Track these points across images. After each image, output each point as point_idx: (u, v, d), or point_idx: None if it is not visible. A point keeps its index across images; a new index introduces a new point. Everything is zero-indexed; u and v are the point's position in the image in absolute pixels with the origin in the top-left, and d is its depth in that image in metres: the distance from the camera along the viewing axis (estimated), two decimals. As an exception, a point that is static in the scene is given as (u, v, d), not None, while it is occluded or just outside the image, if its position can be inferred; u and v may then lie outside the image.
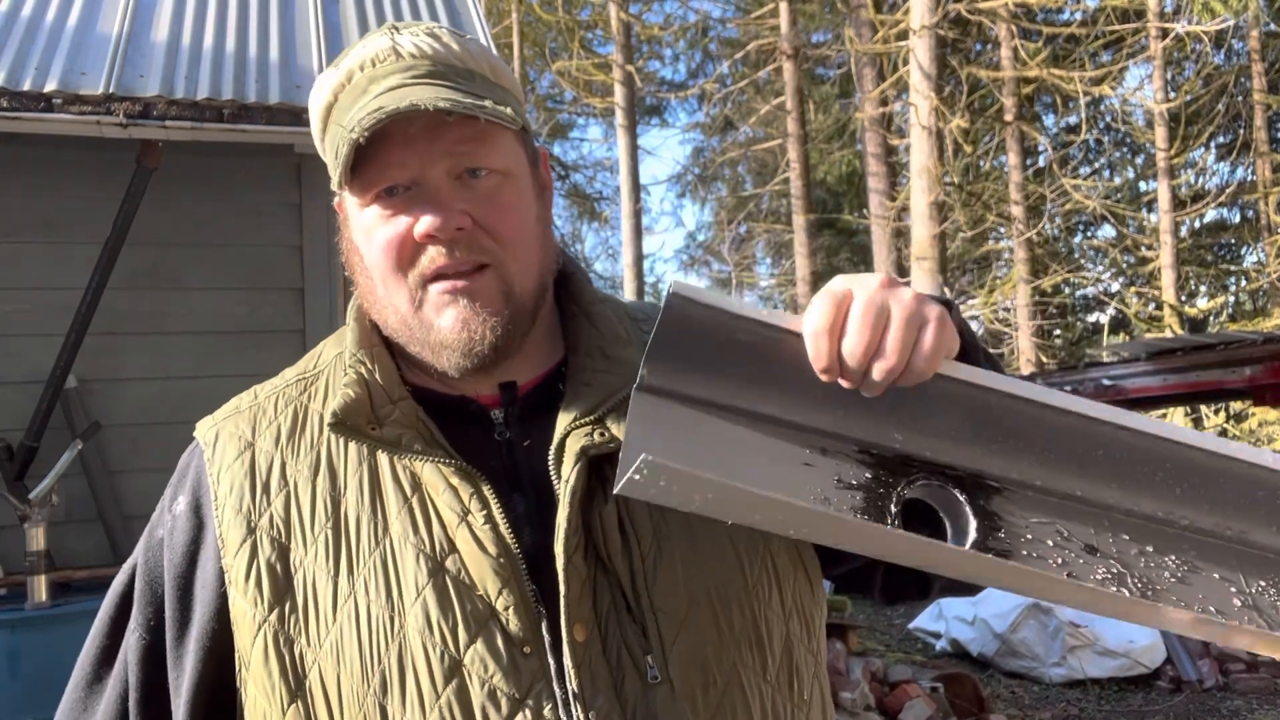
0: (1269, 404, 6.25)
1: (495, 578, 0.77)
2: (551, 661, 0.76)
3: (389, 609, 0.76)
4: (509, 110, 0.80)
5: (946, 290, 10.95)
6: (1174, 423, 0.68)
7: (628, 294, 15.54)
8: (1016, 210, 14.39)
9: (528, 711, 0.74)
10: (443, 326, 0.82)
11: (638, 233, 16.07)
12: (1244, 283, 16.70)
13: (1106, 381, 6.78)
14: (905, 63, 11.46)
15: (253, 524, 0.81)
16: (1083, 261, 17.06)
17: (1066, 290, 16.70)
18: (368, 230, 0.84)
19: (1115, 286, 16.34)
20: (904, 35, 11.28)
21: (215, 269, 3.69)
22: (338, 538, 0.80)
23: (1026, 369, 13.33)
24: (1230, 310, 16.12)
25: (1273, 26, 14.76)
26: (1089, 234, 17.49)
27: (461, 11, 4.42)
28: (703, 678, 0.79)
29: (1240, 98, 15.28)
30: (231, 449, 0.86)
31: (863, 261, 18.91)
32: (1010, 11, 11.93)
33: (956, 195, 13.06)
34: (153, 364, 3.59)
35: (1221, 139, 16.23)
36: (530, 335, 0.88)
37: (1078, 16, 13.59)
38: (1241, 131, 15.69)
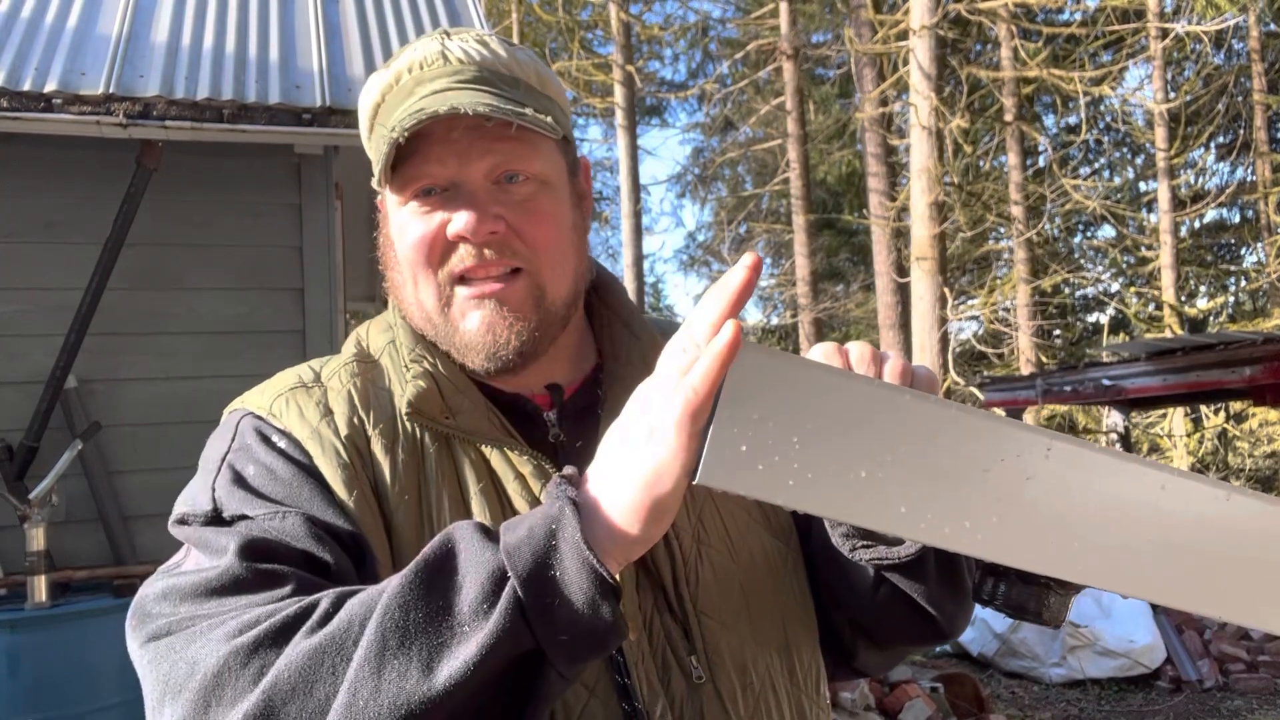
0: (1269, 404, 6.25)
1: None
2: (612, 655, 0.79)
3: None
4: (549, 119, 0.82)
5: (946, 291, 10.94)
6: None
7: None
8: (1016, 210, 14.39)
9: (597, 702, 0.77)
10: (468, 329, 0.84)
11: (638, 233, 16.07)
12: (1244, 283, 16.71)
13: (1106, 381, 6.79)
14: (905, 63, 11.45)
15: (352, 477, 0.79)
16: (1083, 261, 17.07)
17: (1066, 290, 16.70)
18: (402, 227, 0.85)
19: (1115, 286, 16.34)
20: (904, 35, 11.28)
21: (215, 269, 3.69)
22: (420, 505, 0.80)
23: (1026, 369, 13.33)
24: (1230, 310, 16.13)
25: (1273, 26, 14.76)
26: (1089, 234, 17.50)
27: (461, 12, 4.42)
28: (742, 679, 0.82)
29: (1240, 98, 15.28)
30: (312, 413, 0.82)
31: (863, 262, 18.90)
32: (1010, 11, 11.93)
33: (956, 195, 13.05)
34: (153, 364, 3.59)
35: (1221, 139, 16.23)
36: (562, 341, 0.90)
37: (1078, 16, 13.59)
38: (1241, 131, 15.69)
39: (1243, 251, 17.60)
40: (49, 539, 3.08)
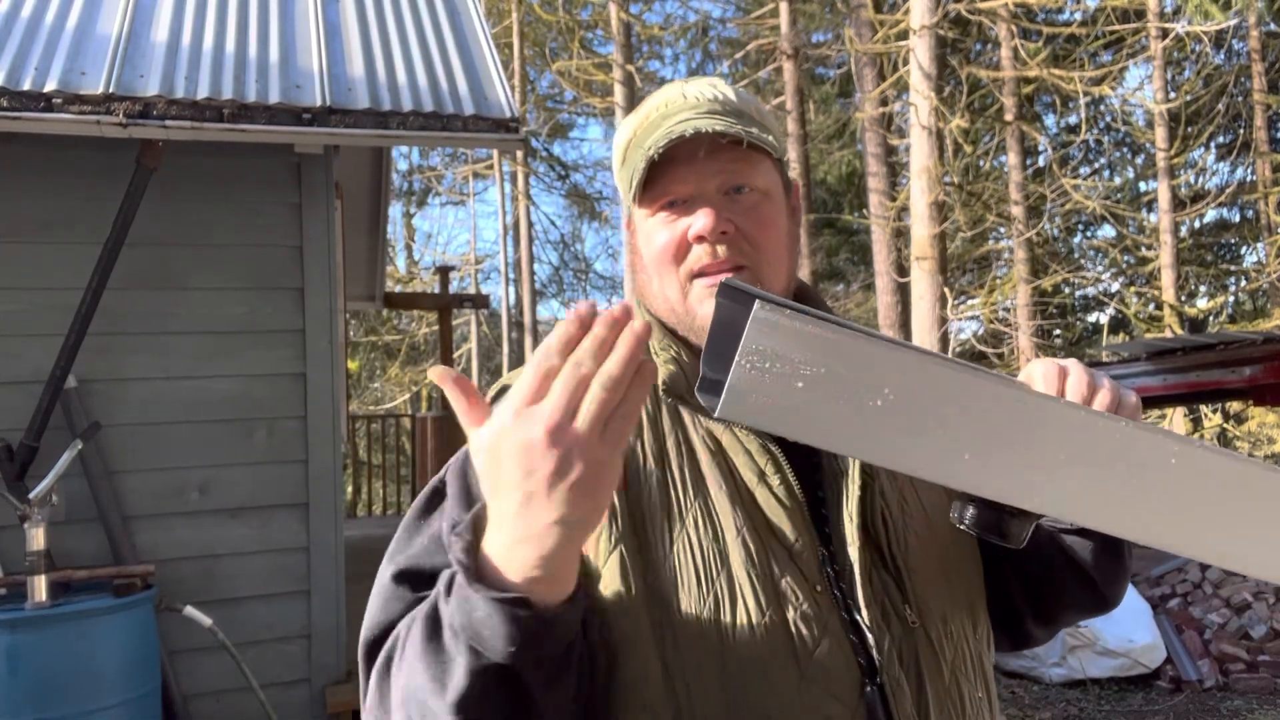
0: (1269, 404, 6.24)
1: (791, 525, 0.92)
2: (836, 595, 0.91)
3: (716, 544, 0.90)
4: (770, 138, 0.99)
5: (946, 290, 10.93)
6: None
7: (627, 294, 15.52)
8: (1016, 210, 14.38)
9: (829, 638, 0.89)
10: (704, 315, 0.97)
11: (638, 233, 16.03)
12: (1244, 283, 16.70)
13: (1106, 381, 6.76)
14: (905, 63, 11.45)
15: None
16: (1083, 261, 17.05)
17: (1066, 290, 16.69)
18: (650, 234, 1.02)
19: (1115, 286, 16.32)
20: (904, 35, 11.28)
21: (215, 269, 3.69)
22: (665, 483, 0.94)
23: (1026, 369, 13.29)
24: (1230, 310, 16.12)
25: (1273, 26, 14.76)
26: (1089, 234, 17.49)
27: (461, 11, 4.42)
28: (945, 629, 0.95)
29: (1240, 98, 15.28)
30: None
31: (863, 261, 18.90)
32: (1010, 11, 11.93)
33: (956, 195, 13.03)
34: (153, 364, 3.59)
35: (1221, 139, 16.23)
36: None
37: (1078, 16, 13.59)
38: (1241, 131, 15.69)
39: (1243, 251, 17.60)
40: (49, 539, 3.08)
